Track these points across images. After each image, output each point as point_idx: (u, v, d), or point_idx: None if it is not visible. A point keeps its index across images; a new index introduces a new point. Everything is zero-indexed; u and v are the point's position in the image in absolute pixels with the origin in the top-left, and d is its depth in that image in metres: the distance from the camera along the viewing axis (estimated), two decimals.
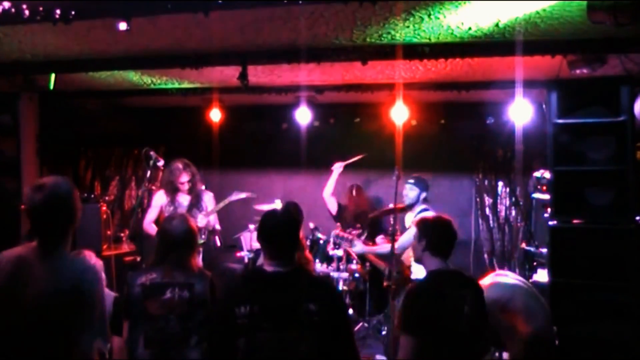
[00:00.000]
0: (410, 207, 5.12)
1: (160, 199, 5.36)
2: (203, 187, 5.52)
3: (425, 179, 5.18)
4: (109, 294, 3.36)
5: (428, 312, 2.77)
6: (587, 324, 4.59)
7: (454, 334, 2.79)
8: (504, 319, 3.77)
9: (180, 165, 5.25)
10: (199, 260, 4.88)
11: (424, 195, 5.10)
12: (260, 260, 2.56)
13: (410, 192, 5.09)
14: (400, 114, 5.63)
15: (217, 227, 5.46)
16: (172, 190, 5.29)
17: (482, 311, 2.96)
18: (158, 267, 3.14)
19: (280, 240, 2.51)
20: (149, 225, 5.33)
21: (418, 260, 3.11)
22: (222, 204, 5.33)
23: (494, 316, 3.49)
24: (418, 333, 2.74)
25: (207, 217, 5.20)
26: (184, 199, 5.32)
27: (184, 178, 5.22)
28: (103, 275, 2.62)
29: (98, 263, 2.61)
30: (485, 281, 3.89)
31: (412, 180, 5.12)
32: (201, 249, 5.27)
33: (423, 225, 3.07)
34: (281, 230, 2.54)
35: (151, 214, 5.37)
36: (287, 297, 2.39)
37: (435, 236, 3.00)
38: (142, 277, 3.09)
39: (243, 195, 5.41)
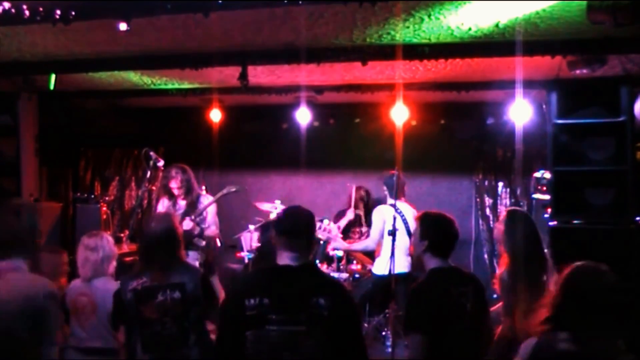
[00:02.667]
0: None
1: (162, 204, 5.35)
2: (203, 192, 5.49)
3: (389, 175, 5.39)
4: (109, 289, 3.36)
5: (432, 310, 2.76)
6: None
7: (457, 331, 2.79)
8: None
9: (172, 172, 5.23)
10: (189, 257, 4.88)
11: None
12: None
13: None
14: (400, 114, 5.63)
15: (211, 232, 5.34)
16: (170, 195, 5.28)
17: (484, 307, 2.96)
18: (146, 270, 3.10)
19: (300, 233, 2.51)
20: None
21: (418, 258, 3.09)
22: (209, 203, 5.25)
23: None
24: (424, 330, 2.74)
25: (193, 221, 5.10)
26: (183, 203, 5.31)
27: (174, 184, 5.19)
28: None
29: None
30: None
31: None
32: (199, 253, 5.23)
33: (425, 225, 3.02)
34: (303, 223, 2.56)
35: None
36: (297, 290, 2.39)
37: (438, 238, 2.96)
38: (133, 282, 3.06)
39: (232, 189, 5.30)
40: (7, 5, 3.30)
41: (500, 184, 6.84)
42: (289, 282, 2.42)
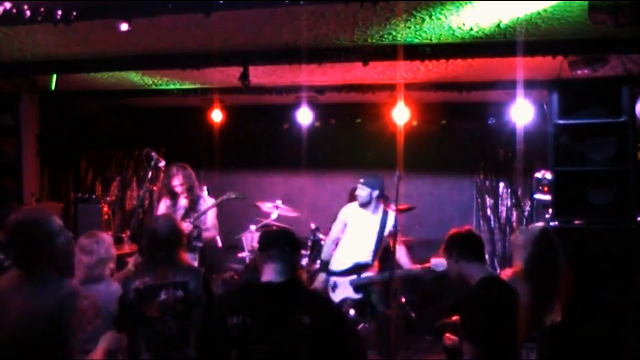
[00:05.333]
0: (364, 205, 5.12)
1: (163, 203, 5.35)
2: (205, 193, 5.49)
3: (377, 178, 5.11)
4: (113, 292, 3.36)
5: (492, 321, 2.77)
6: (587, 324, 4.59)
7: (511, 340, 2.81)
8: None
9: (173, 170, 5.22)
10: (188, 257, 4.88)
11: (376, 193, 5.06)
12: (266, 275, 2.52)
13: (360, 192, 5.09)
14: (401, 114, 5.63)
15: (209, 234, 5.33)
16: (171, 194, 5.28)
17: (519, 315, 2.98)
18: (149, 269, 3.13)
19: (280, 242, 2.51)
20: None
21: (459, 277, 3.04)
22: (208, 207, 5.25)
23: None
24: (483, 341, 2.74)
25: (192, 224, 5.10)
26: (184, 202, 5.31)
27: (175, 182, 5.19)
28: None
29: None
30: None
31: (362, 180, 5.12)
32: (196, 255, 5.22)
33: (446, 244, 3.07)
34: (282, 235, 2.57)
35: None
36: (280, 308, 2.36)
37: (462, 241, 3.00)
38: (135, 282, 3.08)
39: (232, 196, 5.32)
40: (8, 5, 3.30)
41: (502, 184, 6.84)
42: (271, 300, 2.39)
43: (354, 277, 5.11)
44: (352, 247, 5.11)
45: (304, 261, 6.00)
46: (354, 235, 5.13)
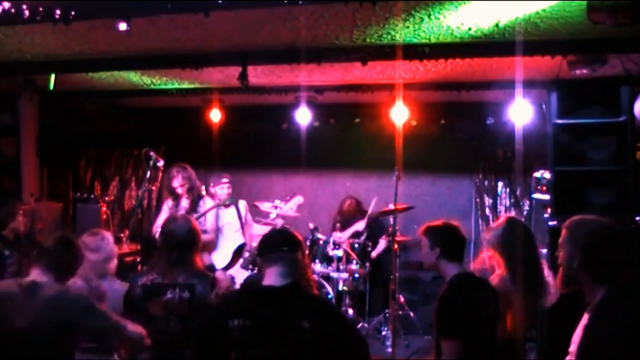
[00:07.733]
0: None
1: (166, 205, 5.36)
2: (204, 193, 5.48)
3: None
4: (117, 289, 3.36)
5: (465, 317, 2.76)
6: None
7: (484, 337, 2.81)
8: None
9: (174, 171, 5.23)
10: (205, 259, 4.91)
11: None
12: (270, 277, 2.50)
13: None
14: (400, 114, 5.63)
15: (207, 237, 5.32)
16: (173, 195, 5.28)
17: (499, 313, 2.97)
18: (160, 267, 3.14)
19: (281, 244, 2.49)
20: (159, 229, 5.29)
21: (431, 268, 3.06)
22: (206, 211, 5.24)
23: None
24: (459, 336, 2.74)
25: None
26: (185, 203, 5.31)
27: (176, 183, 5.19)
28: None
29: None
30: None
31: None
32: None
33: (433, 233, 3.03)
34: (283, 235, 2.55)
35: (161, 219, 5.35)
36: (280, 312, 2.33)
37: (449, 242, 2.98)
38: (143, 278, 3.10)
39: (227, 202, 5.36)
40: (7, 5, 3.30)
41: (500, 184, 6.84)
42: (271, 304, 2.36)
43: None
44: None
45: None
46: None
